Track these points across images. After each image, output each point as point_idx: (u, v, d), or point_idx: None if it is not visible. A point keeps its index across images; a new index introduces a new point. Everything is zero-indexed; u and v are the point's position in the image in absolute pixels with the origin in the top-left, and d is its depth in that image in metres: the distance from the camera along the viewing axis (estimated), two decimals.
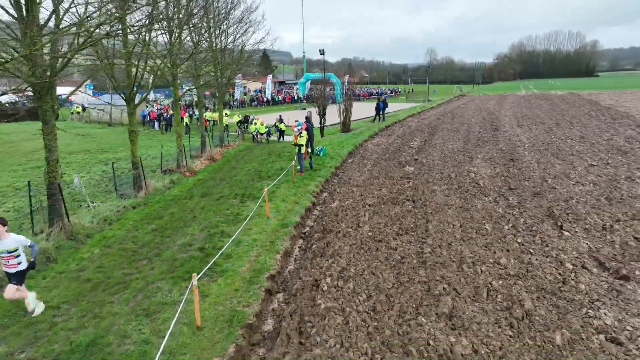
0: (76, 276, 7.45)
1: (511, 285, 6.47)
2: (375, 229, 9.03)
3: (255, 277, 7.05)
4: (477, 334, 5.30)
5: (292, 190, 12.48)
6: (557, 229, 8.72)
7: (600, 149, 17.10)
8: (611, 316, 5.60)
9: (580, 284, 6.44)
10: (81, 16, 8.97)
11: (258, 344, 5.61)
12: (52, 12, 8.34)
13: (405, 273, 6.96)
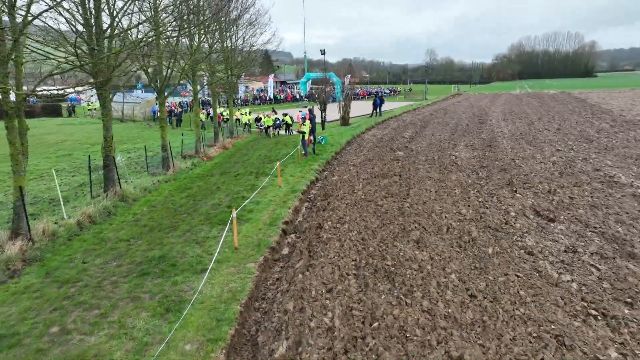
0: (135, 223, 9.67)
1: (465, 224, 8.68)
2: (367, 193, 11.24)
3: (273, 222, 9.27)
4: (435, 250, 7.50)
5: (299, 168, 14.70)
6: (512, 193, 10.93)
7: (571, 138, 19.30)
8: (532, 240, 7.80)
9: (517, 224, 8.65)
10: (129, 27, 11.19)
11: (279, 260, 7.82)
12: (109, 25, 10.53)
13: (388, 219, 9.17)
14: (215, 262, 7.15)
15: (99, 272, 7.11)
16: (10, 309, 5.93)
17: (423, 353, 4.73)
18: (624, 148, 16.44)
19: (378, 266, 6.94)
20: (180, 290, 6.30)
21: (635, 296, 5.80)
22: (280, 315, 5.67)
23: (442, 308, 5.60)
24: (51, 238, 8.20)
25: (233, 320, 5.54)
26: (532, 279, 6.36)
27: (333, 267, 6.97)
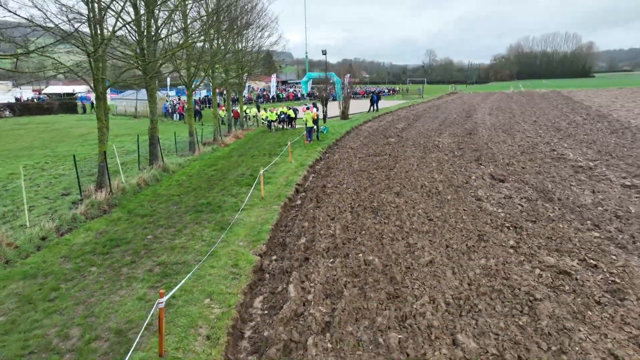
0: (179, 185, 12.38)
1: (435, 184, 11.39)
2: (362, 167, 13.96)
3: (288, 184, 11.98)
4: (409, 198, 10.21)
5: (305, 151, 17.42)
6: (478, 165, 13.64)
7: (543, 128, 22.00)
8: (482, 192, 10.50)
9: (474, 183, 11.35)
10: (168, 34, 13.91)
11: (294, 207, 10.54)
12: (154, 34, 13.23)
13: (376, 182, 11.88)
14: (248, 206, 9.87)
15: (166, 211, 9.83)
16: (114, 228, 8.66)
17: (392, 244, 7.43)
18: (584, 135, 19.13)
19: (367, 206, 9.66)
20: (228, 219, 9.01)
21: (540, 218, 8.51)
22: (299, 228, 8.39)
23: (408, 225, 8.31)
24: (122, 192, 10.91)
25: (267, 232, 8.26)
26: (474, 211, 9.07)
27: (334, 207, 9.69)
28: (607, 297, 5.47)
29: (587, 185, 10.88)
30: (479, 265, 6.47)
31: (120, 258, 7.20)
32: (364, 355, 4.47)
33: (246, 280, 6.34)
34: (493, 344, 4.59)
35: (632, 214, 8.52)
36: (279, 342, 4.69)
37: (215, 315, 5.37)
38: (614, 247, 7.01)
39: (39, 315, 5.46)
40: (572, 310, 5.19)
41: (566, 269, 6.21)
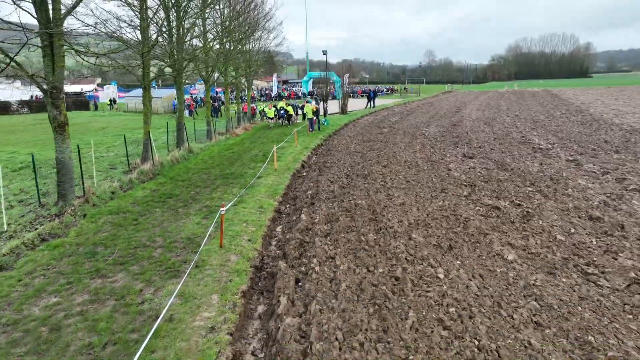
0: (204, 163, 14.91)
1: (416, 160, 13.91)
2: (357, 149, 16.48)
3: (295, 160, 14.51)
4: (393, 169, 12.72)
5: (308, 138, 19.96)
6: (454, 148, 16.16)
7: (522, 120, 24.51)
8: (453, 165, 13.02)
9: (448, 159, 13.87)
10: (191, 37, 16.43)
11: (300, 177, 13.06)
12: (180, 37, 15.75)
13: (368, 159, 14.40)
14: (264, 174, 12.41)
15: (199, 178, 12.36)
16: (163, 188, 11.18)
17: (375, 195, 9.94)
18: (556, 126, 21.66)
19: (359, 174, 12.19)
20: (250, 182, 11.54)
21: (492, 179, 11.03)
22: (306, 187, 10.94)
23: (389, 184, 10.84)
24: (161, 165, 13.43)
25: (282, 190, 10.80)
26: (442, 176, 11.60)
27: (333, 174, 12.23)
28: (519, 219, 8.00)
29: (539, 160, 13.42)
30: (437, 205, 9.00)
31: (175, 204, 9.74)
32: (352, 245, 6.99)
33: (270, 214, 8.87)
34: (435, 240, 7.11)
35: (562, 177, 11.05)
36: (296, 241, 7.22)
37: (252, 230, 7.90)
38: (540, 196, 9.54)
39: (130, 232, 7.98)
40: (492, 226, 7.72)
41: (498, 206, 8.74)
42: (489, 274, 5.89)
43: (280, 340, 4.48)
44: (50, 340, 4.69)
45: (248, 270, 6.27)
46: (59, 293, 5.73)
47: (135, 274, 6.22)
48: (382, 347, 4.33)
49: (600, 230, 7.36)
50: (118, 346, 4.56)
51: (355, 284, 5.64)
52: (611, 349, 4.24)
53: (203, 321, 4.96)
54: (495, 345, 4.32)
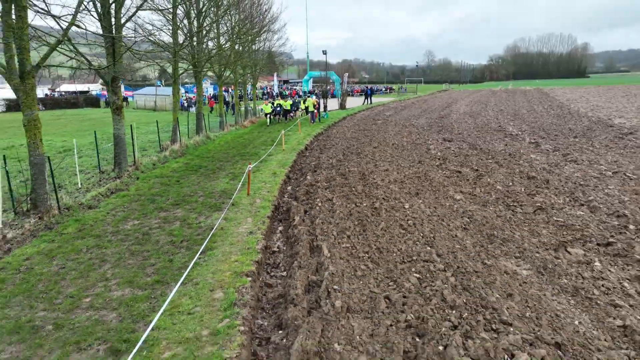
0: (221, 146, 17.38)
1: (402, 143, 16.38)
2: (352, 136, 18.96)
3: (299, 144, 16.98)
4: (382, 149, 15.19)
5: (309, 128, 22.45)
6: (438, 135, 18.63)
7: (504, 114, 26.97)
8: (433, 147, 15.48)
9: (430, 142, 16.33)
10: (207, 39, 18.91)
11: (304, 155, 15.53)
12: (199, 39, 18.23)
13: (362, 142, 16.87)
14: (274, 153, 14.87)
15: (221, 156, 14.83)
16: (192, 162, 13.65)
17: (366, 165, 12.40)
18: (533, 118, 24.12)
19: (353, 152, 14.66)
20: (263, 158, 14.00)
21: (461, 154, 13.49)
22: (309, 161, 13.42)
23: (377, 158, 13.31)
24: (186, 147, 15.91)
25: (289, 163, 13.27)
26: (422, 154, 14.07)
27: (332, 153, 14.71)
28: (473, 178, 10.47)
29: (505, 142, 15.90)
30: (412, 171, 11.47)
31: (205, 172, 12.22)
32: (345, 193, 9.45)
33: (282, 178, 11.35)
34: (406, 189, 9.58)
35: (519, 153, 13.53)
36: (304, 190, 9.69)
37: (269, 187, 10.37)
38: (495, 165, 12.00)
39: (176, 188, 10.44)
40: (451, 182, 10.19)
41: (460, 170, 11.21)
42: (440, 206, 8.36)
43: (297, 235, 6.96)
44: (144, 239, 7.15)
45: (269, 207, 8.74)
46: (138, 219, 8.20)
47: (189, 210, 8.70)
48: (361, 237, 6.80)
49: (531, 184, 9.83)
50: (190, 242, 7.01)
51: (346, 211, 8.11)
52: (507, 238, 6.70)
53: (243, 229, 7.44)
54: (433, 235, 6.79)
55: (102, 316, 4.86)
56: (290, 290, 5.21)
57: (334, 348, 4.04)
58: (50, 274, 5.92)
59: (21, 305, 5.12)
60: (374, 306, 4.78)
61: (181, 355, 4.07)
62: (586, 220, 7.26)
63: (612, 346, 4.05)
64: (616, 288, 5.04)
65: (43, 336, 4.48)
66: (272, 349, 4.46)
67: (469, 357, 3.82)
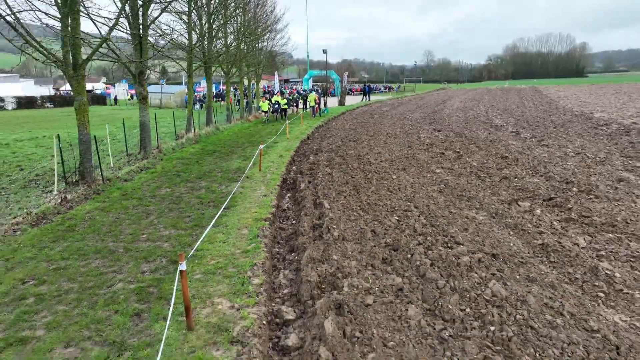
0: (230, 136, 18.98)
1: (396, 132, 17.99)
2: (351, 127, 20.57)
3: (302, 134, 18.60)
4: (377, 137, 16.80)
5: (310, 121, 24.07)
6: (430, 126, 20.23)
7: (495, 109, 28.58)
8: (424, 134, 17.09)
9: (420, 132, 17.94)
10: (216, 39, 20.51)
11: (307, 143, 17.15)
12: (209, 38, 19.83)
13: (359, 132, 18.48)
14: (279, 140, 16.48)
15: (231, 143, 16.43)
16: (207, 147, 15.26)
17: (362, 149, 14.00)
18: (521, 113, 25.71)
19: (351, 140, 16.27)
20: (270, 144, 15.61)
21: (447, 141, 15.09)
22: (311, 146, 15.03)
23: (372, 144, 14.91)
24: (199, 136, 17.53)
25: (294, 148, 14.88)
26: (412, 140, 15.67)
27: (332, 140, 16.32)
28: (453, 158, 12.06)
29: (489, 131, 17.50)
30: (402, 153, 13.08)
31: (220, 155, 13.83)
32: (342, 169, 11.05)
33: (287, 159, 12.97)
34: (395, 166, 11.18)
35: (499, 140, 15.13)
36: (307, 166, 11.31)
37: (277, 165, 11.98)
38: (475, 148, 13.60)
39: (196, 167, 12.05)
40: (434, 161, 11.79)
41: (444, 152, 12.81)
42: (422, 177, 9.98)
43: (302, 196, 8.58)
44: (178, 200, 8.76)
45: (279, 179, 10.35)
46: (169, 187, 9.81)
47: (211, 181, 10.31)
48: (355, 197, 8.42)
49: (503, 162, 11.44)
50: (215, 202, 8.61)
51: (343, 181, 9.72)
52: (472, 197, 8.30)
53: (258, 193, 9.05)
54: (413, 195, 8.40)
55: (157, 245, 6.47)
56: (299, 228, 6.82)
57: (332, 257, 5.64)
58: (109, 222, 7.53)
59: (94, 239, 6.72)
60: (362, 236, 6.39)
61: (223, 262, 5.68)
62: (540, 185, 8.87)
63: (532, 256, 5.66)
64: (546, 224, 6.65)
65: (118, 255, 6.08)
66: (287, 262, 6.07)
67: (428, 259, 5.43)
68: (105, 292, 5.01)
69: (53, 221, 7.57)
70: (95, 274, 5.48)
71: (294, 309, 4.73)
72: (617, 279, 4.82)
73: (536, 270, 5.15)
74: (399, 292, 4.78)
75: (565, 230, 6.41)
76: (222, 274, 5.35)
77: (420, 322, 4.15)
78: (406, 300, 4.55)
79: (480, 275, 4.99)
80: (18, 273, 5.51)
